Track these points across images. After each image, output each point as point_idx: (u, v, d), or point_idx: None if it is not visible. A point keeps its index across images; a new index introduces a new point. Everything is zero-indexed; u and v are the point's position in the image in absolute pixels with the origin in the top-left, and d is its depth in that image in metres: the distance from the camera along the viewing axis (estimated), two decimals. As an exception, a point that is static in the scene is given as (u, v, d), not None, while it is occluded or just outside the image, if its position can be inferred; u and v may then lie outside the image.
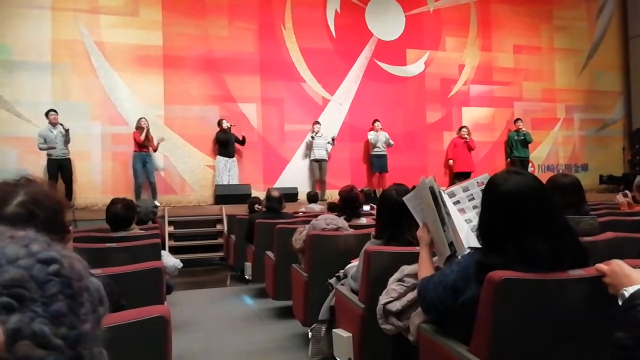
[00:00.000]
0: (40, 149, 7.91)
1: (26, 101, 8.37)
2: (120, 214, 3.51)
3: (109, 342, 1.25)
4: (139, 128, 8.50)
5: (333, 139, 9.81)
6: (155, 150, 8.72)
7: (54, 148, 7.91)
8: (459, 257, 1.77)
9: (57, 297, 0.47)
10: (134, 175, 8.54)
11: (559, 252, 1.50)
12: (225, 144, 9.08)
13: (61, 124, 7.95)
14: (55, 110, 8.02)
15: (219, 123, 9.14)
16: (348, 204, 4.24)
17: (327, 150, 9.74)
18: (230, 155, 9.15)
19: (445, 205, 1.87)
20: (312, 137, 9.65)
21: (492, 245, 1.58)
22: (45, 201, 1.24)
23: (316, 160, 9.69)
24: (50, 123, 7.96)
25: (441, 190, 1.91)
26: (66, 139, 7.98)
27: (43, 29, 8.54)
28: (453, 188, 2.07)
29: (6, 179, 1.27)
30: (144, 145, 8.52)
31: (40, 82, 8.46)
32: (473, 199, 2.02)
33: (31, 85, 8.40)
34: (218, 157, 9.16)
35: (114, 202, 3.60)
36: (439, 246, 1.91)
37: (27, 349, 0.44)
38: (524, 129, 10.82)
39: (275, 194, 5.54)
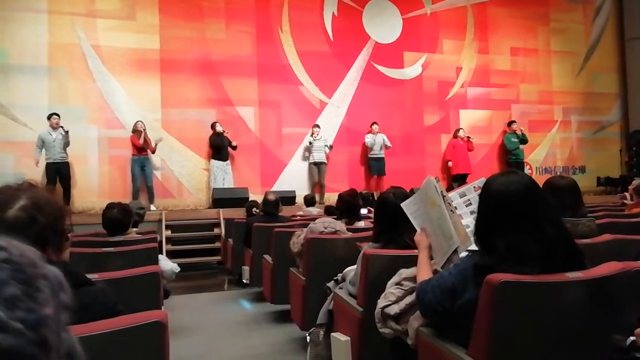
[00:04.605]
0: (35, 156, 7.86)
1: (23, 105, 8.35)
2: (117, 218, 3.51)
3: (106, 348, 1.24)
4: (136, 131, 8.50)
5: (330, 147, 9.80)
6: (153, 152, 8.71)
7: (49, 152, 7.89)
8: (463, 252, 1.78)
9: (8, 282, 0.48)
10: (133, 179, 8.52)
11: (549, 251, 1.50)
12: (219, 147, 9.07)
13: (61, 127, 7.96)
14: (57, 114, 8.02)
15: (213, 126, 9.13)
16: (349, 208, 4.21)
17: (325, 153, 9.74)
18: (224, 159, 9.14)
19: (450, 203, 1.88)
20: (310, 142, 9.65)
21: (486, 244, 1.59)
22: (46, 207, 1.24)
23: (315, 164, 9.68)
24: (51, 126, 7.95)
25: (444, 191, 1.92)
26: (66, 142, 7.96)
27: (40, 33, 8.52)
28: (450, 195, 2.07)
29: (9, 183, 1.27)
30: (142, 149, 8.51)
31: (37, 85, 8.44)
32: (470, 204, 2.02)
33: (28, 89, 8.38)
34: (212, 160, 9.15)
35: (110, 206, 3.59)
36: (439, 249, 1.90)
37: None
38: (521, 129, 10.85)
39: (271, 197, 5.54)
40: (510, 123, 11.06)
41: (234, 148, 9.26)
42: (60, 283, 0.54)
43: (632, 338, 1.34)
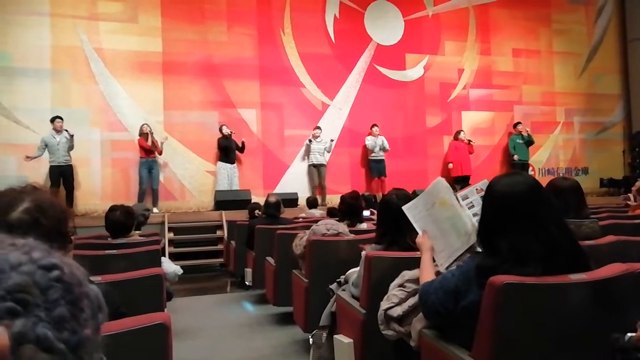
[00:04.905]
0: (34, 155, 7.88)
1: (26, 108, 8.38)
2: (120, 220, 3.51)
3: (109, 350, 1.24)
4: (143, 134, 8.52)
5: (332, 141, 9.78)
6: (160, 153, 8.74)
7: (53, 155, 7.92)
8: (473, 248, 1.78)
9: (59, 303, 0.49)
10: (140, 182, 8.54)
11: (551, 252, 1.50)
12: (227, 150, 9.08)
13: (66, 130, 8.00)
14: (61, 117, 8.06)
15: (220, 129, 9.14)
16: (352, 210, 4.20)
17: (324, 156, 9.72)
18: (231, 162, 9.15)
19: (459, 202, 1.89)
20: (310, 141, 9.65)
21: (489, 246, 1.58)
22: (50, 210, 1.24)
23: (314, 166, 9.69)
24: (55, 129, 7.97)
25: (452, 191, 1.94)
26: (70, 145, 8.00)
27: (43, 36, 8.55)
28: None
29: (12, 186, 1.27)
30: (150, 151, 8.53)
31: (40, 88, 8.47)
32: (473, 206, 2.01)
33: (31, 92, 8.41)
34: (219, 163, 9.15)
35: (113, 208, 3.60)
36: (442, 251, 1.90)
37: (32, 353, 0.45)
38: (527, 129, 10.81)
39: (272, 199, 5.53)
40: (515, 124, 11.02)
41: (242, 150, 9.23)
42: (100, 303, 0.56)
43: (629, 334, 1.33)
